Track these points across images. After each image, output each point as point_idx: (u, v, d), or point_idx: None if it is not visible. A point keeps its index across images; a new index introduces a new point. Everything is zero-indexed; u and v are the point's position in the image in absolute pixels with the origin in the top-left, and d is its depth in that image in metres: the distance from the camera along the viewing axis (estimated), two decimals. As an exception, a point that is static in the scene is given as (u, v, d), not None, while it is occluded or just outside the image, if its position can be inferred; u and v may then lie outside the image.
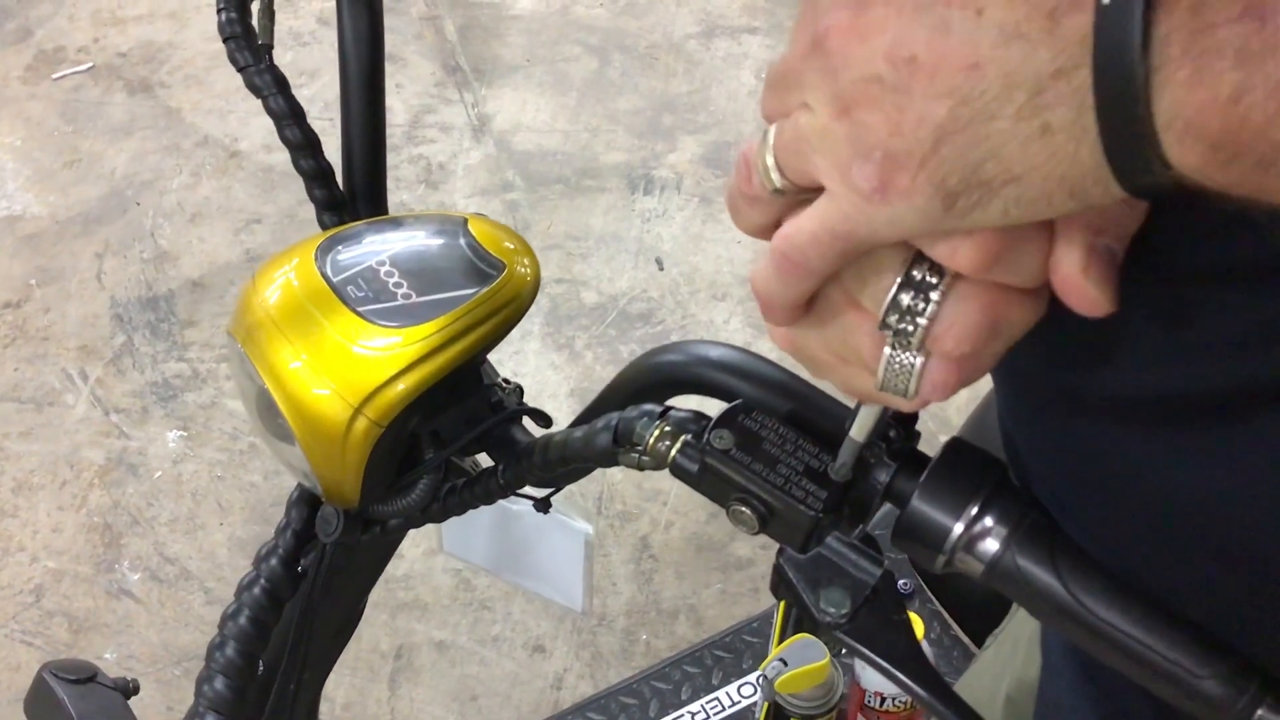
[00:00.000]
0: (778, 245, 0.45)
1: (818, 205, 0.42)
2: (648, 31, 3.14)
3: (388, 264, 0.70)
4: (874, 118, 0.39)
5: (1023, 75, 0.36)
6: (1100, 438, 0.52)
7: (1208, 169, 0.35)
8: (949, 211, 0.39)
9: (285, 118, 0.84)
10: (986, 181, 0.38)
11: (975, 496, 0.52)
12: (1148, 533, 0.52)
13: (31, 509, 2.16)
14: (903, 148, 0.38)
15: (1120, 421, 0.50)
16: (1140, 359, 0.48)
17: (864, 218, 0.41)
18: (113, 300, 2.51)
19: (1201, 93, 0.34)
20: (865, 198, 0.40)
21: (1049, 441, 0.55)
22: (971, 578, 0.53)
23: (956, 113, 0.37)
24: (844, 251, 0.43)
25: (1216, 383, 0.46)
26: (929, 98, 0.37)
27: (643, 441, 0.61)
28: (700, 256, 2.57)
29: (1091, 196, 0.38)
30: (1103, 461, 0.52)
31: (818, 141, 0.41)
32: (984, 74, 0.36)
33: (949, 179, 0.38)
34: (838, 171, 0.40)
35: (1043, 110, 0.36)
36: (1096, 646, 0.52)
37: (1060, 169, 0.37)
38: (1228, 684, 0.49)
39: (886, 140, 0.39)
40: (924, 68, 0.37)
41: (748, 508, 0.56)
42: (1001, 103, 0.37)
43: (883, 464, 0.55)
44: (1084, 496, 0.54)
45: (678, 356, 0.67)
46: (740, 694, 1.62)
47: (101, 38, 3.14)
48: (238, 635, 0.75)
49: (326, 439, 0.68)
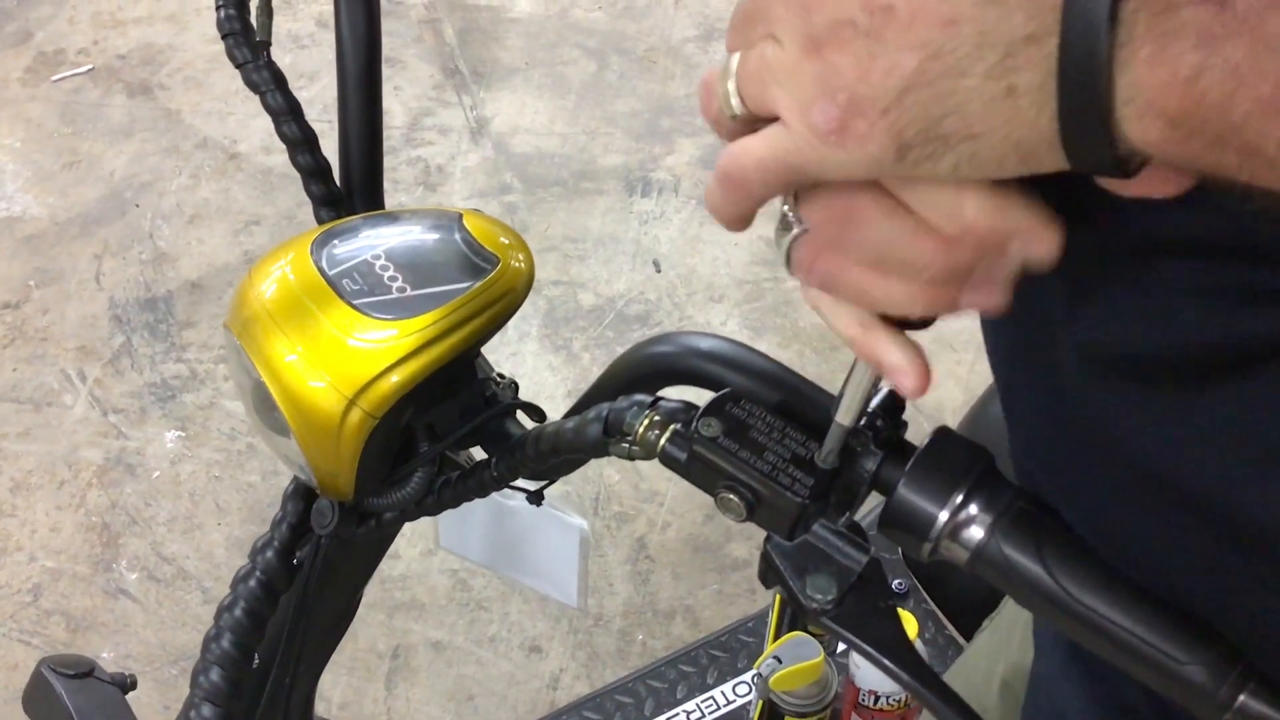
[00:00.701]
0: (724, 164, 0.45)
1: (769, 133, 0.43)
2: (646, 35, 3.15)
3: (383, 258, 0.71)
4: (843, 60, 0.39)
5: (997, 36, 0.37)
6: (1080, 395, 0.52)
7: (1166, 145, 0.36)
8: (900, 161, 0.40)
9: (283, 114, 0.84)
10: (944, 136, 0.39)
11: (961, 484, 0.52)
12: (1131, 493, 0.52)
13: (30, 509, 2.17)
14: (868, 93, 0.39)
15: (1096, 378, 0.51)
16: (1108, 317, 0.49)
17: (814, 154, 0.42)
18: (111, 301, 2.52)
19: (1162, 72, 0.35)
20: (820, 136, 0.41)
21: (1040, 401, 0.56)
22: (957, 565, 0.54)
23: (926, 66, 0.38)
24: (787, 181, 0.44)
25: (1179, 348, 0.47)
26: (901, 48, 0.38)
27: (632, 431, 0.61)
28: (697, 259, 2.58)
29: (1042, 164, 0.39)
30: (1084, 420, 0.53)
31: (783, 75, 0.42)
32: (959, 31, 0.37)
33: (907, 130, 0.39)
34: (798, 106, 0.41)
35: (1011, 73, 0.37)
36: (1082, 634, 0.52)
37: (1019, 132, 0.38)
38: (1211, 670, 0.49)
39: (853, 84, 0.39)
40: (900, 17, 0.38)
41: (735, 495, 0.56)
42: (972, 60, 0.37)
43: (870, 452, 0.56)
44: (1072, 458, 0.54)
45: (668, 347, 0.68)
46: (735, 693, 1.63)
47: (101, 40, 3.15)
48: (233, 627, 0.75)
49: (321, 431, 0.69)
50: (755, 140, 0.44)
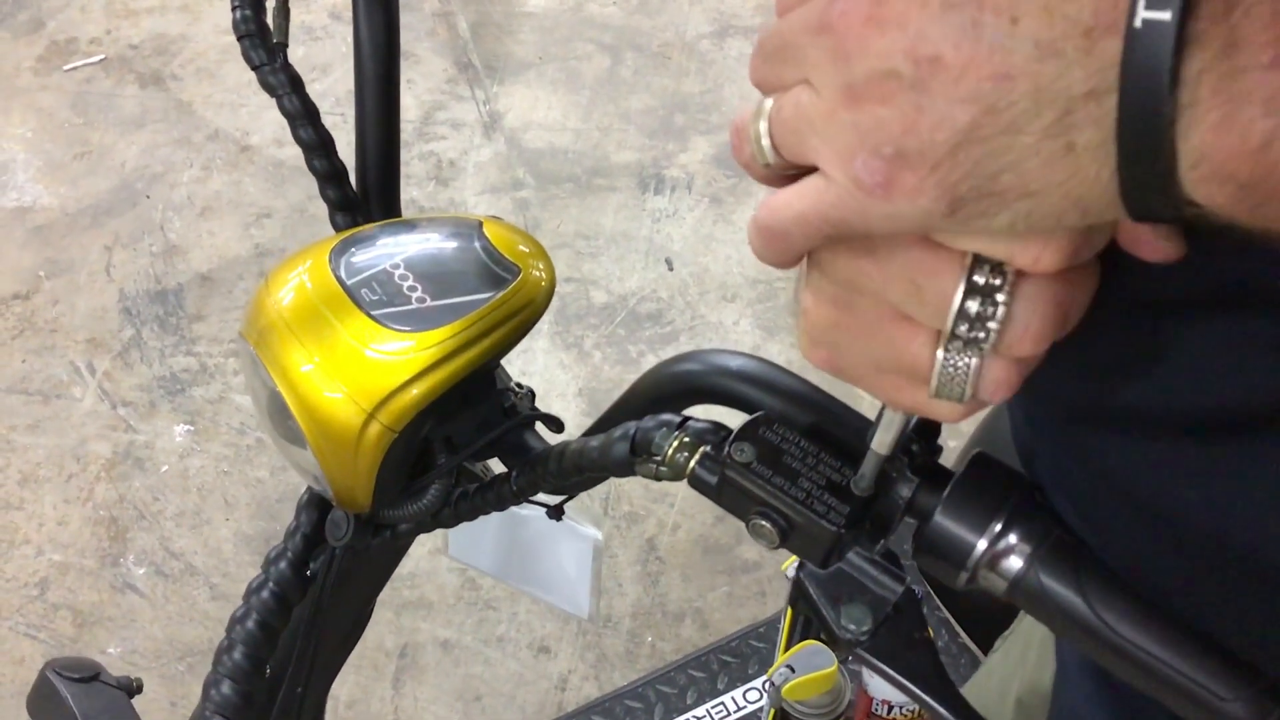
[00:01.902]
0: (762, 216, 0.44)
1: (809, 186, 0.41)
2: (661, 30, 3.13)
3: (402, 267, 0.69)
4: (888, 113, 0.37)
5: (1054, 93, 0.35)
6: (1118, 452, 0.51)
7: (1236, 210, 0.35)
8: (951, 216, 0.38)
9: (299, 117, 0.83)
10: (1000, 193, 0.37)
11: (999, 513, 0.51)
12: (1167, 547, 0.51)
13: (38, 502, 2.16)
14: (916, 148, 0.37)
15: (1136, 437, 0.50)
16: (1148, 378, 0.48)
17: (858, 209, 0.40)
18: (121, 293, 2.51)
19: (1231, 139, 0.33)
20: (866, 191, 0.39)
21: (1069, 454, 0.54)
22: (994, 595, 0.52)
23: (981, 121, 0.36)
24: (829, 236, 0.42)
25: (1215, 403, 0.46)
26: (952, 101, 0.36)
27: (661, 452, 0.60)
28: (710, 257, 2.57)
29: (1103, 216, 0.37)
30: (1121, 475, 0.51)
31: (821, 125, 0.40)
32: (1015, 86, 0.35)
33: (960, 185, 0.37)
34: (839, 160, 0.39)
35: (1070, 130, 0.35)
36: (1119, 666, 0.51)
37: (1079, 189, 0.36)
38: (1254, 707, 0.48)
39: (899, 138, 0.37)
40: (949, 69, 0.36)
41: (768, 522, 0.55)
42: (1030, 118, 0.35)
43: (905, 478, 0.54)
44: (1104, 508, 0.53)
45: (696, 366, 0.66)
46: (746, 699, 1.61)
47: (114, 30, 3.14)
48: (246, 639, 0.74)
49: (339, 443, 0.67)
50: (794, 194, 0.42)
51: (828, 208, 0.41)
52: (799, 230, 0.42)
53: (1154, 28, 0.33)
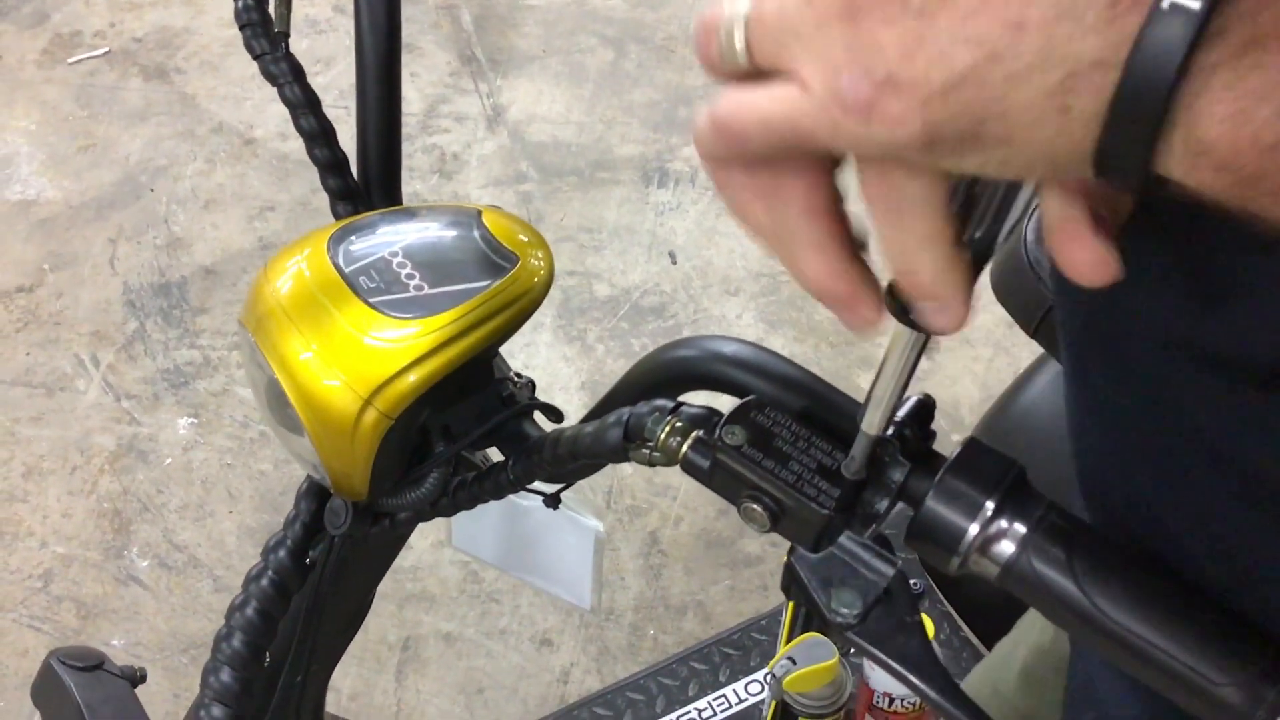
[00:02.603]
0: (723, 113, 0.42)
1: (782, 92, 0.39)
2: (664, 23, 3.13)
3: (400, 255, 0.70)
4: (885, 35, 0.36)
5: (1064, 54, 0.34)
6: (1202, 402, 0.51)
7: (1226, 194, 0.35)
8: (924, 151, 0.37)
9: (300, 107, 0.83)
10: (979, 137, 0.37)
11: (991, 497, 0.51)
12: (1241, 503, 0.51)
13: (41, 494, 2.17)
14: (909, 78, 0.36)
15: (1219, 383, 0.50)
16: (1231, 320, 0.48)
17: (829, 125, 0.38)
18: (125, 286, 2.52)
19: (1243, 134, 0.33)
20: (844, 109, 0.37)
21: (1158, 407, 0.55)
22: (986, 580, 0.53)
23: (981, 66, 0.35)
24: (789, 146, 0.40)
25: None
26: (957, 39, 0.35)
27: (654, 437, 0.60)
28: (713, 250, 2.57)
29: (1067, 175, 0.37)
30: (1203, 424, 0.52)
31: (808, 34, 0.38)
32: (1024, 39, 0.34)
33: (943, 125, 0.36)
34: (822, 72, 0.38)
35: (1069, 93, 0.35)
36: (1113, 651, 0.51)
37: (1058, 148, 0.36)
38: (1248, 692, 0.48)
39: (894, 63, 0.36)
40: (960, 6, 0.35)
41: (759, 505, 0.55)
42: (1032, 73, 0.35)
43: (897, 463, 0.54)
44: (1182, 461, 0.53)
45: (691, 352, 0.66)
46: (747, 691, 1.62)
47: (118, 22, 3.14)
48: (244, 627, 0.74)
49: (336, 430, 0.68)
50: (762, 96, 0.40)
51: (797, 117, 0.39)
52: (759, 133, 0.40)
53: (1179, 12, 0.32)
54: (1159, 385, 0.52)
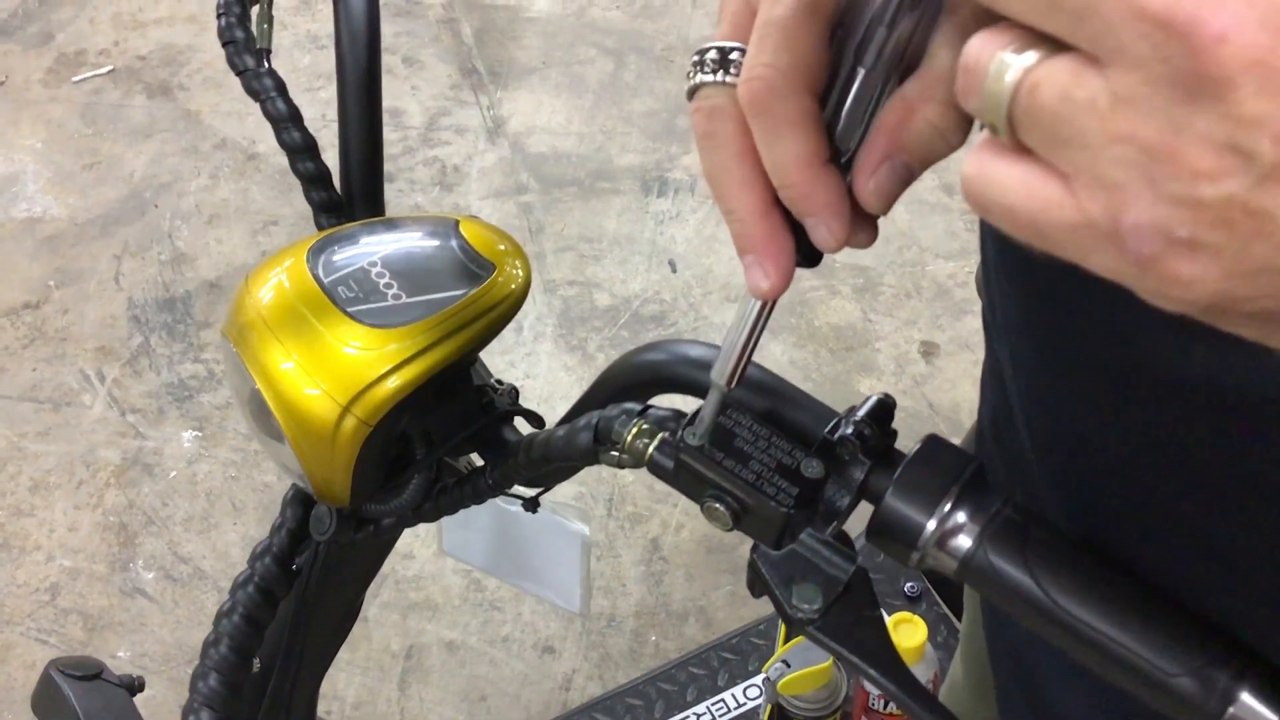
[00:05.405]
0: (973, 184, 0.34)
1: (1045, 191, 0.32)
2: (663, 34, 3.14)
3: (379, 265, 0.71)
4: (1207, 192, 0.28)
5: None
6: (1185, 432, 0.52)
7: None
8: (1203, 314, 0.31)
9: (283, 121, 0.85)
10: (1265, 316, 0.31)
11: (949, 493, 0.52)
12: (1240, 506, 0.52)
13: (48, 508, 2.18)
14: (1216, 246, 0.29)
15: (1205, 415, 0.50)
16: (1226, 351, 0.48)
17: (1088, 251, 0.32)
18: (130, 301, 2.54)
19: None
20: (1117, 248, 0.31)
21: (1123, 430, 0.56)
22: (946, 575, 0.54)
23: None
24: (1023, 237, 0.34)
25: None
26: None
27: (621, 440, 0.61)
28: (713, 259, 2.58)
29: None
30: (1189, 450, 0.52)
31: (1099, 144, 0.30)
32: None
33: (1232, 306, 0.30)
34: (1105, 197, 0.30)
35: None
36: (1072, 646, 0.52)
37: None
38: (1199, 680, 0.49)
39: (1205, 228, 0.29)
40: None
41: (721, 504, 0.56)
42: None
43: (858, 461, 0.56)
44: (1169, 477, 0.54)
45: (659, 355, 0.67)
46: (746, 696, 1.62)
47: (122, 41, 3.17)
48: (231, 632, 0.76)
49: (316, 438, 0.69)
50: (1020, 186, 0.33)
51: (1052, 230, 0.32)
52: (1002, 218, 0.34)
53: None
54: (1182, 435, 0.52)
